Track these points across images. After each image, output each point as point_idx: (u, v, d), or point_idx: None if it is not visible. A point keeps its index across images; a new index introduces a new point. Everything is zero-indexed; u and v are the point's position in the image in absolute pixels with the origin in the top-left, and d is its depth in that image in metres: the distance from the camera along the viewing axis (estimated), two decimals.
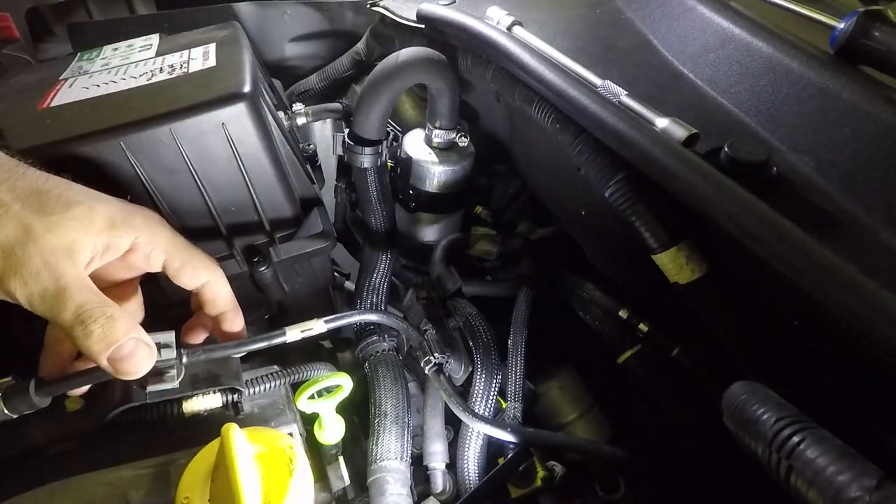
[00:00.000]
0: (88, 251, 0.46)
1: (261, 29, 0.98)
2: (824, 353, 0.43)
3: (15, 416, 0.48)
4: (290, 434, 0.56)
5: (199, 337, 0.59)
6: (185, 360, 0.52)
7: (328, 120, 1.05)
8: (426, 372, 0.66)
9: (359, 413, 0.68)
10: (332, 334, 0.76)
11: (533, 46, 0.61)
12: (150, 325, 0.55)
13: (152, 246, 0.51)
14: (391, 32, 0.90)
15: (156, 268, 0.53)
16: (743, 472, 0.55)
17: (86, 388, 0.51)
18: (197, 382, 0.55)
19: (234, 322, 0.59)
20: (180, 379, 0.53)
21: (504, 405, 0.68)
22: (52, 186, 0.45)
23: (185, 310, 0.67)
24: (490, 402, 0.65)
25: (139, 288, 0.56)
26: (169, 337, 0.52)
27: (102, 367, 0.45)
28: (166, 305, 0.66)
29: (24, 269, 0.42)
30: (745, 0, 0.61)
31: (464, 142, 0.77)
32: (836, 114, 0.48)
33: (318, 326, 0.58)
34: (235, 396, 0.57)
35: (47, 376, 0.49)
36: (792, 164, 0.48)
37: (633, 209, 0.50)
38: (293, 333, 0.57)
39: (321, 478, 0.58)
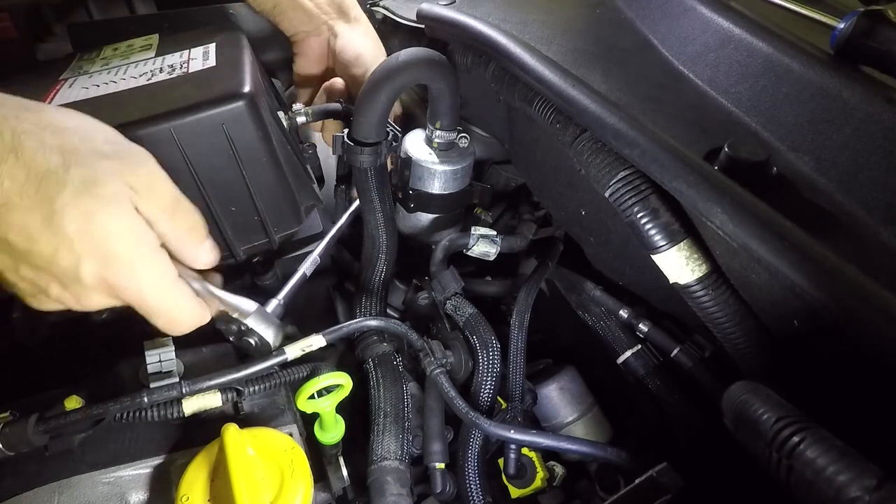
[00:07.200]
0: None
1: (261, 29, 0.97)
2: (824, 353, 0.43)
3: (11, 454, 0.48)
4: (290, 434, 0.56)
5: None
6: (185, 389, 0.52)
7: (328, 120, 1.04)
8: (427, 373, 0.66)
9: (359, 413, 0.68)
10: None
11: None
12: (148, 332, 0.55)
13: None
14: (391, 32, 0.90)
15: None
16: (743, 471, 0.55)
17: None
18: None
19: None
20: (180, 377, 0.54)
21: (504, 405, 0.68)
22: None
23: None
24: (490, 402, 0.65)
25: None
26: (167, 342, 0.54)
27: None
28: None
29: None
30: (745, 0, 0.61)
31: (464, 142, 0.77)
32: (836, 114, 0.48)
33: (317, 341, 0.58)
34: (235, 396, 0.57)
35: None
36: (792, 164, 0.48)
37: (633, 209, 0.50)
38: (293, 351, 0.57)
39: (321, 478, 0.58)
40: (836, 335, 0.40)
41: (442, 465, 0.64)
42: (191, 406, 0.54)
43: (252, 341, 0.55)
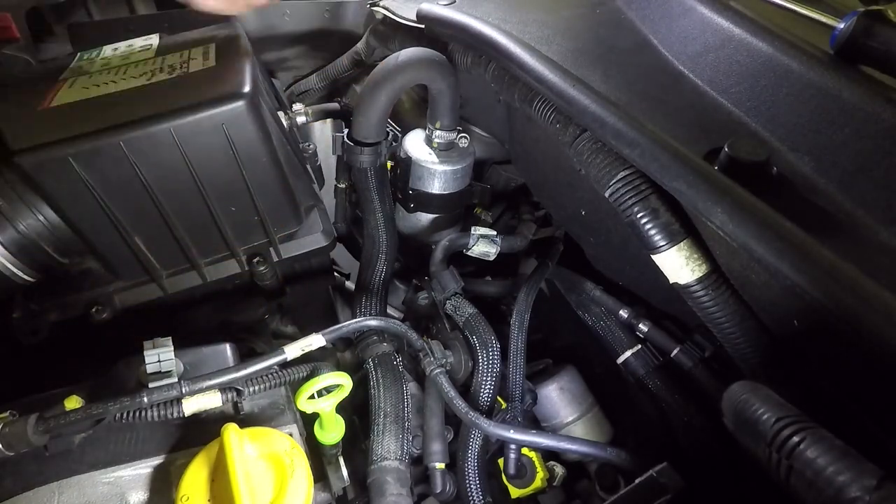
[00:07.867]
0: None
1: (261, 29, 0.98)
2: (824, 353, 0.43)
3: (10, 454, 0.48)
4: (290, 434, 0.56)
5: None
6: (185, 389, 0.52)
7: (328, 120, 1.04)
8: (427, 373, 0.66)
9: (359, 413, 0.68)
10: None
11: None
12: (148, 332, 0.55)
13: None
14: (391, 32, 0.90)
15: None
16: (743, 471, 0.55)
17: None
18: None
19: None
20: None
21: (504, 405, 0.68)
22: None
23: (179, 317, 0.67)
24: (490, 402, 0.65)
25: None
26: (167, 342, 0.54)
27: None
28: (163, 311, 0.66)
29: None
30: (745, 0, 0.61)
31: (464, 142, 0.77)
32: (836, 114, 0.48)
33: (317, 341, 0.58)
34: (235, 396, 0.57)
35: None
36: (792, 164, 0.48)
37: (633, 209, 0.50)
38: (293, 350, 0.57)
39: (321, 478, 0.58)
40: (836, 335, 0.40)
41: (442, 465, 0.64)
42: (191, 406, 0.54)
43: None
